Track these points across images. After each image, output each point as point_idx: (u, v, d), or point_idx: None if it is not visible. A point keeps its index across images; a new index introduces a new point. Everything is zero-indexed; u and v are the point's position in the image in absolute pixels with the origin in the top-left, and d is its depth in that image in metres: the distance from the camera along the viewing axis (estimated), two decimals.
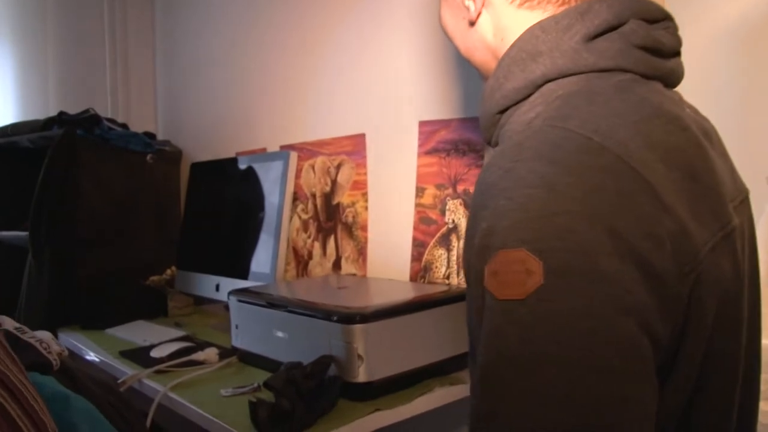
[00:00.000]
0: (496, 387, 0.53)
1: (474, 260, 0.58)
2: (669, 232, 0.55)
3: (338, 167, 1.82)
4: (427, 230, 1.55)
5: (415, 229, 1.58)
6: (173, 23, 2.54)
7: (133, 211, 2.05)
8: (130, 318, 1.85)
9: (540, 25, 0.69)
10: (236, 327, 1.42)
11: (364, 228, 1.75)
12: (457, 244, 1.48)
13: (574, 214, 0.53)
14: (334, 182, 1.83)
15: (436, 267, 1.52)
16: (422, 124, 1.57)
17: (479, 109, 0.78)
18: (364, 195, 1.75)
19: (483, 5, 0.76)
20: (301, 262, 1.91)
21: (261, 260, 1.67)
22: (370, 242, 1.73)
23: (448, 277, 1.50)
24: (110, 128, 2.05)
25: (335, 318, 1.16)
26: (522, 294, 0.52)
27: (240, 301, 1.40)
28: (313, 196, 1.89)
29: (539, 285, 0.51)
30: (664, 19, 0.70)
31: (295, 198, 1.90)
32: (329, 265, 1.83)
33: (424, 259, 1.55)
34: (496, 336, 0.54)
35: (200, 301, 2.02)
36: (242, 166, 1.85)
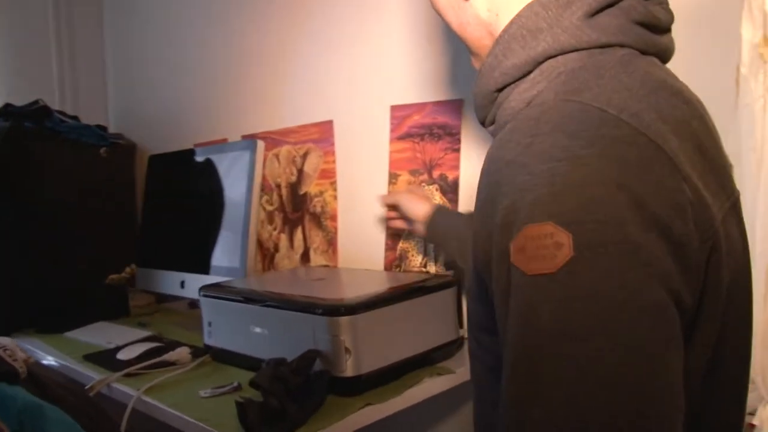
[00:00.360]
0: (533, 367, 0.52)
1: (497, 238, 0.57)
2: (689, 201, 0.56)
3: (304, 156, 1.77)
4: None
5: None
6: (123, 9, 2.43)
7: (88, 207, 1.95)
8: (90, 319, 1.76)
9: (539, 2, 0.68)
10: (209, 324, 1.36)
11: (334, 218, 1.70)
12: None
13: (599, 185, 0.53)
14: (300, 171, 1.78)
15: (412, 255, 1.49)
16: (394, 108, 1.53)
17: (474, 88, 0.76)
18: (333, 184, 1.70)
19: None
20: (267, 255, 1.86)
21: (229, 255, 1.60)
22: (340, 232, 1.69)
23: (425, 266, 1.47)
24: (62, 120, 1.94)
25: (320, 311, 1.11)
26: (552, 268, 0.51)
27: (213, 297, 1.34)
28: (278, 186, 1.83)
29: (569, 258, 0.51)
30: None
31: (260, 188, 1.83)
32: (297, 257, 1.78)
33: (399, 248, 1.51)
34: (527, 313, 0.53)
35: (162, 299, 1.95)
36: (205, 157, 1.78)
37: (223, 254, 1.63)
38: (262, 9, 1.84)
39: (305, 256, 1.75)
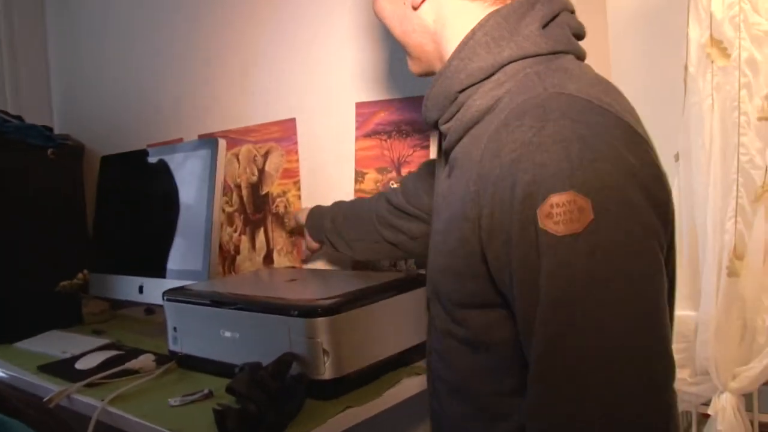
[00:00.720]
0: (570, 307, 0.64)
1: (518, 208, 0.66)
2: (662, 172, 0.70)
3: (266, 155, 1.72)
4: None
5: None
6: (66, 2, 2.33)
7: (35, 211, 1.85)
8: (41, 328, 1.68)
9: (500, 14, 0.79)
10: (174, 330, 1.31)
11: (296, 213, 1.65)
12: None
13: (604, 160, 0.65)
14: (261, 171, 1.73)
15: None
16: (359, 105, 1.51)
17: (432, 89, 0.85)
18: (296, 183, 1.66)
19: None
20: (228, 258, 1.80)
21: (190, 257, 1.55)
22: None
23: (394, 265, 1.45)
24: (5, 120, 1.85)
25: (295, 312, 1.08)
26: (579, 229, 0.63)
27: (178, 301, 1.29)
28: (238, 187, 1.78)
29: (591, 219, 0.63)
30: (572, 10, 0.84)
31: (224, 189, 1.78)
32: (259, 259, 1.73)
33: None
34: (562, 267, 0.64)
35: (117, 305, 1.87)
36: (161, 157, 1.71)
37: (184, 257, 1.58)
38: (220, 3, 1.79)
39: (268, 258, 1.71)
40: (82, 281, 1.83)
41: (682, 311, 2.81)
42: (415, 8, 0.87)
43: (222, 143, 1.55)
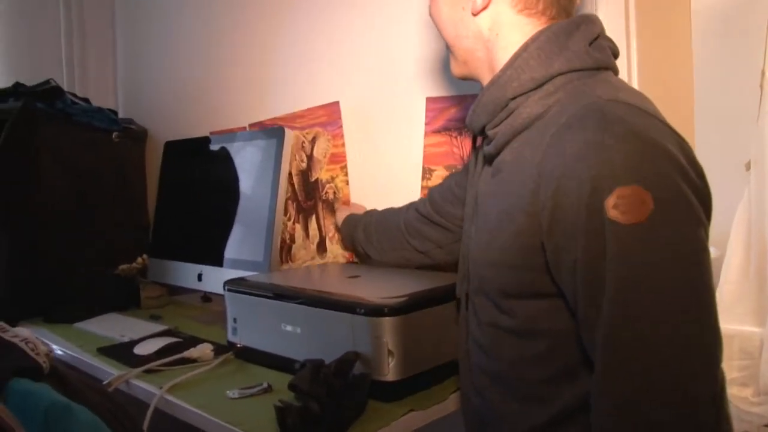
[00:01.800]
0: (637, 290, 0.71)
1: (586, 200, 0.73)
2: (703, 170, 0.78)
3: (313, 141, 1.69)
4: None
5: None
6: None
7: (98, 193, 1.87)
8: (100, 310, 1.68)
9: (550, 31, 0.88)
10: (234, 321, 1.29)
11: (347, 203, 1.63)
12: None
13: (661, 158, 0.73)
14: (310, 157, 1.70)
15: None
16: (430, 100, 1.46)
17: (483, 96, 0.92)
18: (344, 168, 1.63)
19: (490, 1, 0.92)
20: (284, 247, 1.78)
21: (251, 248, 1.53)
22: None
23: None
24: (73, 102, 1.86)
25: (362, 310, 1.04)
26: (642, 218, 0.71)
27: (240, 292, 1.27)
28: (289, 174, 1.75)
29: (652, 209, 0.70)
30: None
31: None
32: (313, 247, 1.70)
33: None
34: (628, 252, 0.71)
35: (173, 291, 1.87)
36: (226, 145, 1.70)
37: (245, 247, 1.56)
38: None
39: (321, 246, 1.68)
40: (141, 266, 1.84)
41: (746, 327, 2.70)
42: (474, 14, 0.94)
43: (289, 133, 1.53)
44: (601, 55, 0.88)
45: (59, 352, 1.42)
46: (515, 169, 0.85)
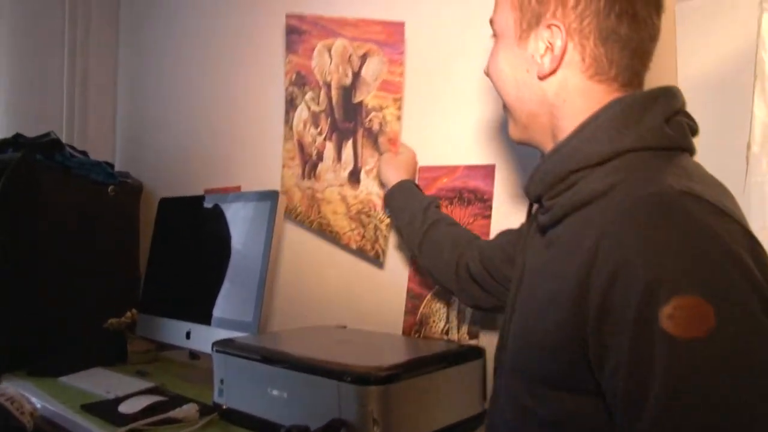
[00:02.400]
0: (688, 412, 0.63)
1: (638, 303, 0.65)
2: None
3: (363, 57, 1.52)
4: (425, 281, 1.46)
5: (410, 280, 1.50)
6: (139, 44, 2.41)
7: (92, 246, 1.88)
8: (86, 365, 1.68)
9: (624, 101, 0.81)
10: (221, 382, 1.29)
11: (394, 141, 1.50)
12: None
13: (731, 267, 0.65)
14: (356, 75, 1.54)
15: (434, 321, 1.44)
16: (422, 169, 1.50)
17: (544, 164, 0.86)
18: (397, 101, 1.49)
19: (559, 66, 0.85)
20: (308, 161, 1.67)
21: (241, 308, 1.54)
22: None
23: (446, 333, 1.42)
24: (72, 155, 1.89)
25: (349, 378, 1.05)
26: (700, 334, 0.63)
27: (228, 353, 1.28)
28: (327, 85, 1.58)
29: (713, 326, 0.62)
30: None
31: (304, 83, 1.60)
32: (344, 174, 1.59)
33: (419, 312, 1.46)
34: (680, 369, 0.63)
35: (161, 347, 1.87)
36: (220, 204, 1.73)
37: (235, 307, 1.57)
38: (280, 57, 1.82)
39: (354, 176, 1.56)
40: (130, 320, 1.84)
41: None
42: (540, 78, 0.87)
43: (282, 198, 1.56)
44: (677, 134, 0.79)
45: (43, 408, 1.41)
46: (568, 249, 0.78)
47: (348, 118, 1.54)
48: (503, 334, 0.95)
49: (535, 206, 0.96)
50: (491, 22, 0.95)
